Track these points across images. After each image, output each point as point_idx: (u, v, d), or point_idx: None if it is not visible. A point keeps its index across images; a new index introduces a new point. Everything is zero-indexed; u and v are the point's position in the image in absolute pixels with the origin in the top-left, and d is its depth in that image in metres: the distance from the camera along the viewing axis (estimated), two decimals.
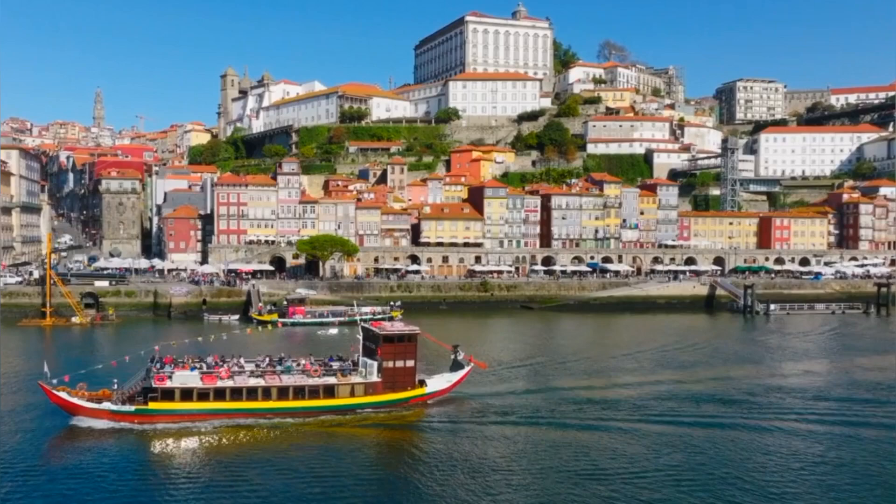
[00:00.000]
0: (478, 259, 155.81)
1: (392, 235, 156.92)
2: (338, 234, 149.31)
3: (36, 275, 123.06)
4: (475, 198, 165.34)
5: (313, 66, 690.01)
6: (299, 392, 57.71)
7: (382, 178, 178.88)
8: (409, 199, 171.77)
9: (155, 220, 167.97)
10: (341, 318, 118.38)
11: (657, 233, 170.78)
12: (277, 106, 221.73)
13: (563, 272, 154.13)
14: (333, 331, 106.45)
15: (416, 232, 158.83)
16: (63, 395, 53.91)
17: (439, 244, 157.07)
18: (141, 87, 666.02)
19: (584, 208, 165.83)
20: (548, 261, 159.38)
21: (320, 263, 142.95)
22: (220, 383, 56.13)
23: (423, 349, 71.74)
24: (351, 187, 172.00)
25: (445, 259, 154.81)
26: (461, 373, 65.14)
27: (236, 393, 56.16)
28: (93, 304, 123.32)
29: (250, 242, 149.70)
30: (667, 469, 47.81)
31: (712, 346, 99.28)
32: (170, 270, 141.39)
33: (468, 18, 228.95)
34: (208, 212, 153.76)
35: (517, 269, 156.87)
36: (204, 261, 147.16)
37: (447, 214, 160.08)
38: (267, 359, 60.99)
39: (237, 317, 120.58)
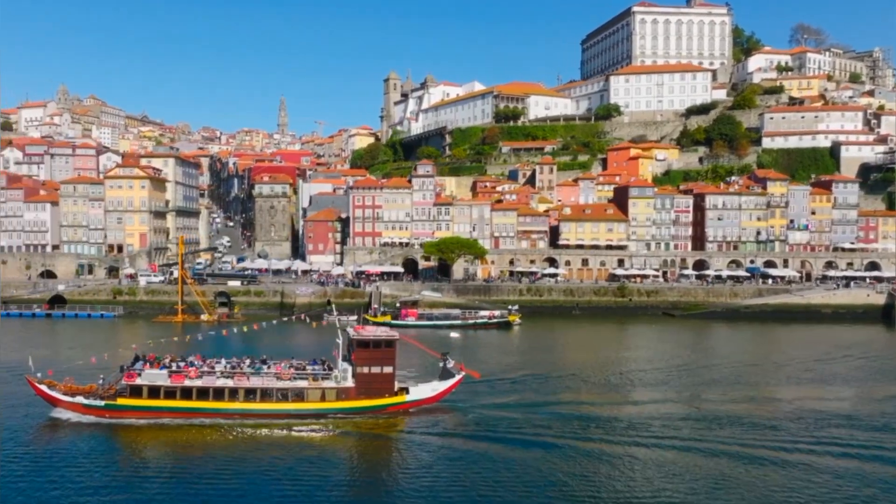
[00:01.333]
0: (621, 262, 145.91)
1: (529, 237, 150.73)
2: (472, 236, 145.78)
3: (176, 275, 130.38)
4: (620, 198, 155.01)
5: (476, 67, 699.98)
6: (267, 394, 56.69)
7: (532, 179, 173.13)
8: (559, 200, 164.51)
9: (301, 222, 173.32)
10: (455, 321, 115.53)
11: (832, 234, 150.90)
12: (435, 108, 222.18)
13: (718, 277, 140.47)
14: (455, 334, 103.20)
15: (555, 234, 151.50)
16: (43, 387, 56.39)
17: (579, 246, 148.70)
18: (320, 94, 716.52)
19: (743, 208, 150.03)
20: (700, 264, 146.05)
21: (452, 265, 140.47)
22: (187, 382, 56.18)
23: (421, 357, 69.65)
24: (499, 188, 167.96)
25: (585, 262, 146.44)
26: (450, 382, 60.61)
27: (203, 393, 56.09)
28: (226, 302, 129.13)
29: (384, 244, 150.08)
30: None
31: (853, 361, 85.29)
32: (304, 271, 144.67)
33: (635, 9, 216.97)
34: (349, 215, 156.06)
35: (664, 273, 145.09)
36: (341, 262, 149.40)
37: (588, 216, 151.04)
38: (248, 360, 59.20)
39: (355, 317, 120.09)
